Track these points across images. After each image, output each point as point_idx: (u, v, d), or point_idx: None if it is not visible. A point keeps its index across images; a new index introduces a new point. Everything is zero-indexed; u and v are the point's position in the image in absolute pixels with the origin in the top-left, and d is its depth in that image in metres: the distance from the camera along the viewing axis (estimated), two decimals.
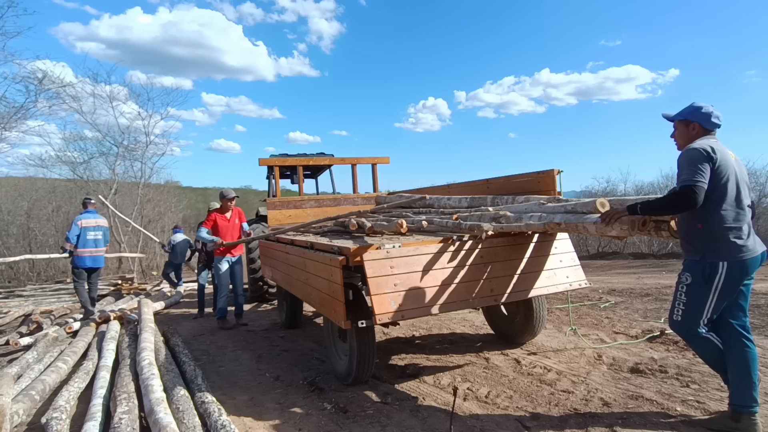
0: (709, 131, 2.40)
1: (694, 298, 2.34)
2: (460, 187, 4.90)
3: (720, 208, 2.23)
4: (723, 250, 2.24)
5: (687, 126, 2.46)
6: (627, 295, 6.50)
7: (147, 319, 5.16)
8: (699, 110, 2.41)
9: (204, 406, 2.80)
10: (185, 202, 22.71)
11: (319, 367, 3.94)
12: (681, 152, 2.32)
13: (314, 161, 7.30)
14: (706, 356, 2.49)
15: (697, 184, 2.13)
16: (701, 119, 2.40)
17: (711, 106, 2.41)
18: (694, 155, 2.22)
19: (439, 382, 3.40)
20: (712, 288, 2.28)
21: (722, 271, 2.24)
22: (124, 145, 14.94)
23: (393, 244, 2.91)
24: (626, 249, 14.86)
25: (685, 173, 2.18)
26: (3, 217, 14.63)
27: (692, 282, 2.34)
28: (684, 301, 2.38)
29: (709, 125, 2.39)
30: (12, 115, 10.83)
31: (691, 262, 2.36)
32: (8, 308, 7.84)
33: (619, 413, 2.71)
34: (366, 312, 3.00)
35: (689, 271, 2.36)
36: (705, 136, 2.39)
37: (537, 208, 2.96)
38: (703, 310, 2.33)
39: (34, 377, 3.66)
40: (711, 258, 2.26)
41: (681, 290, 2.39)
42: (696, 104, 2.44)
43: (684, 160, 2.24)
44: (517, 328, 4.14)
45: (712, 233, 2.25)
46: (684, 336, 2.50)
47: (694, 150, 2.24)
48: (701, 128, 2.40)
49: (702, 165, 2.17)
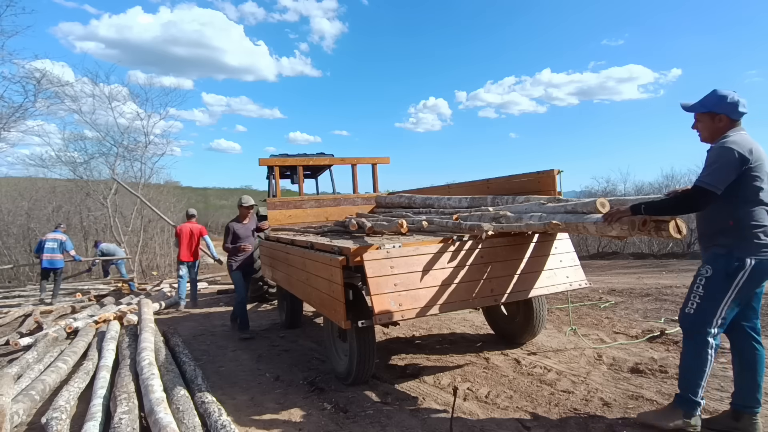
0: (737, 121, 2.27)
1: (712, 291, 2.25)
2: (460, 187, 4.90)
3: (754, 206, 2.17)
4: (753, 247, 2.17)
5: (713, 118, 2.31)
6: (627, 295, 6.50)
7: (147, 319, 5.17)
8: (724, 100, 2.26)
9: (204, 406, 2.81)
10: (185, 202, 22.72)
11: (319, 367, 3.94)
12: (713, 145, 2.21)
13: (314, 161, 7.30)
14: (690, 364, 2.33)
15: (712, 190, 2.07)
16: (728, 110, 2.25)
17: (735, 94, 2.27)
18: (726, 157, 2.10)
19: (439, 382, 3.40)
20: (733, 284, 2.19)
21: (748, 267, 2.16)
22: (124, 145, 14.94)
23: (393, 244, 2.91)
24: (626, 249, 14.86)
25: (707, 173, 2.10)
26: (3, 217, 14.63)
27: (713, 275, 2.24)
28: (701, 294, 2.27)
29: (737, 115, 2.26)
30: (11, 115, 10.81)
31: (715, 255, 2.26)
32: (8, 308, 7.85)
33: (619, 413, 2.72)
34: (366, 312, 3.00)
35: (711, 264, 2.26)
36: (732, 127, 2.26)
37: (537, 208, 2.96)
38: (719, 306, 2.23)
39: (34, 377, 3.66)
40: (738, 253, 2.18)
41: (699, 283, 2.29)
42: (719, 92, 2.29)
43: (713, 158, 2.14)
44: (517, 328, 4.14)
45: (744, 230, 2.17)
46: (689, 331, 2.34)
47: (728, 150, 2.11)
48: (728, 119, 2.27)
49: (729, 169, 2.09)
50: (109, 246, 10.14)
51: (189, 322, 6.30)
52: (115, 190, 14.45)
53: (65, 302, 8.43)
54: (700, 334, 2.28)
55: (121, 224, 14.26)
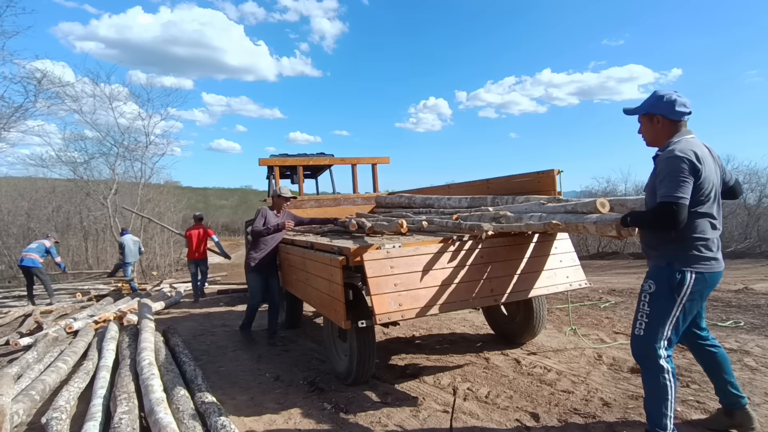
0: (677, 122, 2.15)
1: (657, 308, 2.12)
2: (460, 187, 4.90)
3: (697, 217, 2.04)
4: (693, 260, 2.06)
5: (651, 120, 2.21)
6: (627, 295, 6.50)
7: (147, 319, 5.17)
8: (661, 100, 2.16)
9: (204, 406, 2.80)
10: (185, 202, 22.73)
11: (319, 367, 3.94)
12: (661, 157, 2.07)
13: (314, 161, 7.30)
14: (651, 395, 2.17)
15: (679, 201, 1.92)
16: (665, 110, 2.15)
17: (675, 93, 2.16)
18: (677, 166, 1.97)
19: (439, 382, 3.40)
20: (677, 299, 2.07)
21: (690, 281, 2.05)
22: (124, 145, 14.96)
23: (393, 244, 2.91)
24: (626, 249, 14.87)
25: (666, 186, 1.96)
26: (3, 217, 14.64)
27: (656, 290, 2.12)
28: (647, 312, 2.14)
29: (675, 115, 2.13)
30: (11, 115, 10.82)
31: (657, 269, 2.14)
32: (8, 308, 7.85)
33: (619, 413, 2.72)
34: (366, 312, 3.00)
35: (654, 279, 2.14)
36: (675, 129, 2.15)
37: (537, 208, 2.96)
38: (666, 322, 2.11)
39: (34, 377, 3.67)
40: (679, 265, 2.07)
41: (644, 300, 2.16)
42: (658, 93, 2.20)
43: (665, 170, 2.00)
44: (517, 328, 4.14)
45: (685, 242, 2.06)
46: (640, 357, 2.20)
47: (677, 159, 1.98)
48: (667, 120, 2.16)
49: (686, 177, 1.95)
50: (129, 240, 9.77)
51: (189, 322, 6.30)
52: (115, 190, 14.46)
53: (65, 302, 8.45)
54: (650, 359, 2.14)
55: (121, 224, 14.26)
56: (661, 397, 2.11)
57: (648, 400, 2.17)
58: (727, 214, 14.81)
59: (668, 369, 2.12)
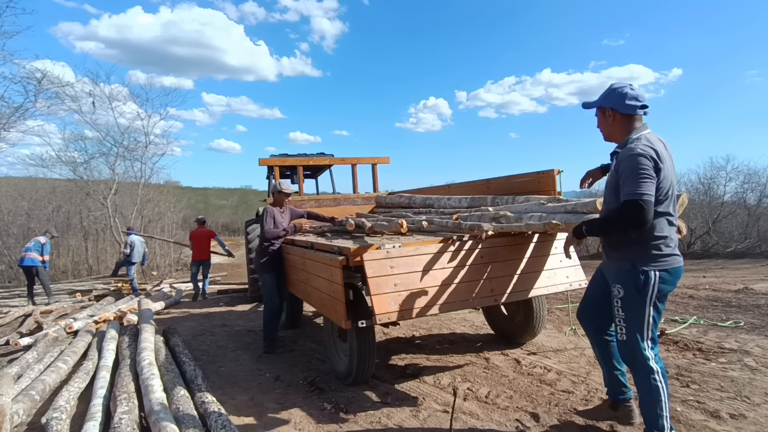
0: (630, 116, 2.09)
1: (631, 312, 2.11)
2: (460, 187, 4.90)
3: (656, 216, 2.00)
4: (654, 258, 2.04)
5: (604, 113, 2.17)
6: None
7: (147, 319, 5.17)
8: (613, 93, 2.11)
9: (204, 406, 2.80)
10: (185, 202, 22.72)
11: (319, 367, 3.94)
12: (622, 156, 2.01)
13: (314, 161, 7.30)
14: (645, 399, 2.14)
15: (644, 197, 1.89)
16: (615, 103, 2.09)
17: (628, 86, 2.09)
18: (639, 163, 1.92)
19: (439, 382, 3.40)
20: (647, 298, 2.06)
21: (655, 280, 2.04)
22: (124, 145, 14.95)
23: (393, 244, 2.91)
24: None
25: (630, 185, 1.92)
26: (3, 217, 14.64)
27: (625, 294, 2.10)
28: (623, 318, 2.13)
29: (625, 109, 2.07)
30: (11, 115, 10.81)
31: (622, 272, 2.11)
32: (8, 308, 7.85)
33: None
34: (366, 312, 3.00)
35: (620, 283, 2.12)
36: (629, 123, 2.10)
37: (537, 208, 2.96)
38: (643, 323, 2.10)
39: (34, 377, 3.66)
40: (642, 265, 2.05)
41: (617, 305, 2.15)
42: (612, 85, 2.14)
43: (627, 168, 1.95)
44: (517, 328, 4.14)
45: (646, 241, 2.04)
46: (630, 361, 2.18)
47: (639, 157, 1.93)
48: (618, 114, 2.10)
49: (650, 175, 1.92)
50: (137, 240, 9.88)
51: (189, 322, 6.29)
52: (115, 190, 14.45)
53: (65, 302, 8.45)
54: (639, 362, 2.13)
55: (121, 224, 14.25)
56: (655, 399, 2.10)
57: (643, 403, 2.16)
58: (727, 214, 14.82)
59: (657, 369, 2.11)
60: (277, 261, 4.52)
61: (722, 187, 15.54)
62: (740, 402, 2.79)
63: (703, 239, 14.59)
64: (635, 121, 2.10)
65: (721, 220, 14.68)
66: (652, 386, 2.10)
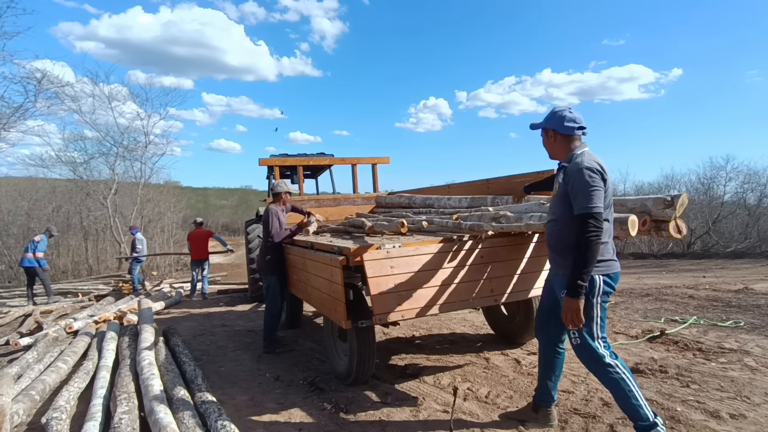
0: (569, 136, 2.24)
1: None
2: (460, 187, 4.90)
3: None
4: (597, 265, 2.12)
5: (546, 134, 2.33)
6: (627, 295, 6.50)
7: (147, 319, 5.17)
8: (554, 115, 2.27)
9: (204, 406, 2.80)
10: (185, 202, 22.73)
11: (319, 367, 3.94)
12: (570, 170, 2.13)
13: (314, 161, 7.30)
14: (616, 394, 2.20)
15: (594, 210, 2.01)
16: (556, 125, 2.26)
17: (567, 109, 2.25)
18: (589, 178, 2.05)
19: (439, 382, 3.40)
20: (593, 302, 2.16)
21: (599, 283, 2.14)
22: (124, 145, 14.96)
23: (393, 244, 2.90)
24: (626, 249, 14.87)
25: (582, 199, 2.04)
26: (3, 217, 14.63)
27: None
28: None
29: (564, 130, 2.23)
30: (11, 115, 10.82)
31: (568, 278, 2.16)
32: (8, 308, 7.85)
33: (619, 413, 2.71)
34: (366, 312, 3.00)
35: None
36: (569, 143, 2.24)
37: (537, 208, 2.96)
38: (592, 324, 2.19)
39: (34, 377, 3.66)
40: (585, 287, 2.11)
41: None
42: (554, 109, 2.30)
43: (577, 183, 2.07)
44: (517, 328, 4.14)
45: None
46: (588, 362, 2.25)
47: (587, 170, 2.06)
48: (558, 134, 2.26)
49: (598, 185, 2.04)
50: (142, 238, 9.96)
51: (189, 322, 6.29)
52: (115, 190, 14.46)
53: (65, 302, 8.45)
54: (597, 362, 2.20)
55: (121, 224, 14.26)
56: (624, 392, 2.16)
57: (618, 401, 2.22)
58: (727, 214, 14.82)
59: (615, 364, 2.19)
60: (281, 263, 4.50)
61: (722, 187, 15.55)
62: (740, 402, 2.79)
63: (703, 239, 14.60)
64: (575, 140, 2.26)
65: (721, 220, 14.69)
66: (614, 380, 2.18)
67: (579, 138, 2.26)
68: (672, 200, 2.26)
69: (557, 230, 2.27)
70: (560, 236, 2.25)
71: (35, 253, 8.62)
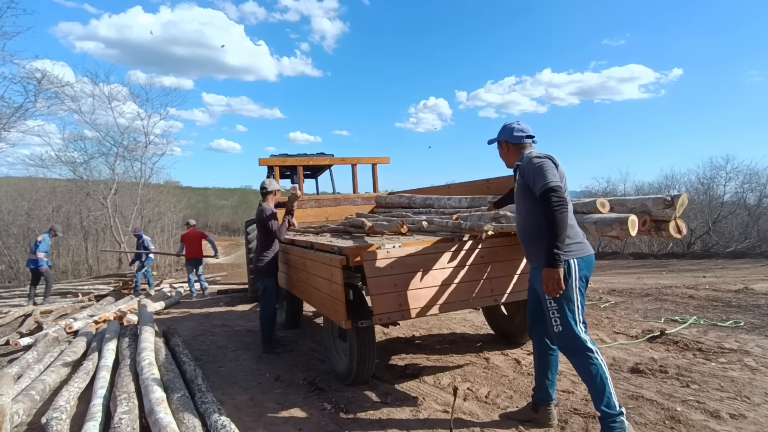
0: (520, 145, 2.47)
1: (561, 301, 2.26)
2: (460, 187, 4.90)
3: None
4: (568, 248, 2.22)
5: (500, 146, 2.57)
6: (627, 295, 6.50)
7: (147, 319, 5.17)
8: (504, 129, 2.53)
9: (204, 406, 2.80)
10: (185, 202, 22.74)
11: (319, 367, 3.94)
12: (523, 164, 2.34)
13: (314, 161, 7.30)
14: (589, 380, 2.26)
15: (552, 184, 2.14)
16: (507, 136, 2.51)
17: (516, 122, 2.51)
18: (540, 162, 2.24)
19: (439, 382, 3.40)
20: (571, 286, 2.25)
21: (575, 267, 2.25)
22: (124, 145, 14.96)
23: (393, 244, 2.90)
24: (626, 249, 14.88)
25: (539, 180, 2.19)
26: (3, 217, 14.63)
27: None
28: (555, 308, 2.28)
29: (515, 140, 2.48)
30: (11, 115, 10.82)
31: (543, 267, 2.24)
32: (8, 308, 7.85)
33: None
34: (366, 312, 3.00)
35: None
36: (521, 151, 2.45)
37: None
38: (573, 308, 2.27)
39: (34, 377, 3.66)
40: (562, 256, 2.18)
41: (546, 299, 2.29)
42: (504, 123, 2.55)
43: (531, 170, 2.25)
44: (517, 328, 4.14)
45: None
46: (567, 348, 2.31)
47: (538, 158, 2.27)
48: (511, 144, 2.51)
49: (550, 166, 2.21)
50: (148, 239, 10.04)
51: (189, 322, 6.30)
52: (115, 190, 14.46)
53: (65, 302, 8.45)
54: (578, 346, 2.26)
55: (121, 224, 14.26)
56: (601, 379, 2.23)
57: (589, 386, 2.28)
58: (727, 214, 14.83)
59: (595, 349, 2.27)
60: (277, 265, 4.52)
61: (722, 187, 15.56)
62: (740, 402, 2.79)
63: (703, 239, 14.60)
64: (525, 147, 2.49)
65: (721, 220, 14.69)
66: (593, 365, 2.24)
67: (529, 145, 2.50)
68: (672, 200, 2.26)
69: (528, 225, 2.39)
70: (532, 228, 2.36)
71: (37, 253, 8.63)
